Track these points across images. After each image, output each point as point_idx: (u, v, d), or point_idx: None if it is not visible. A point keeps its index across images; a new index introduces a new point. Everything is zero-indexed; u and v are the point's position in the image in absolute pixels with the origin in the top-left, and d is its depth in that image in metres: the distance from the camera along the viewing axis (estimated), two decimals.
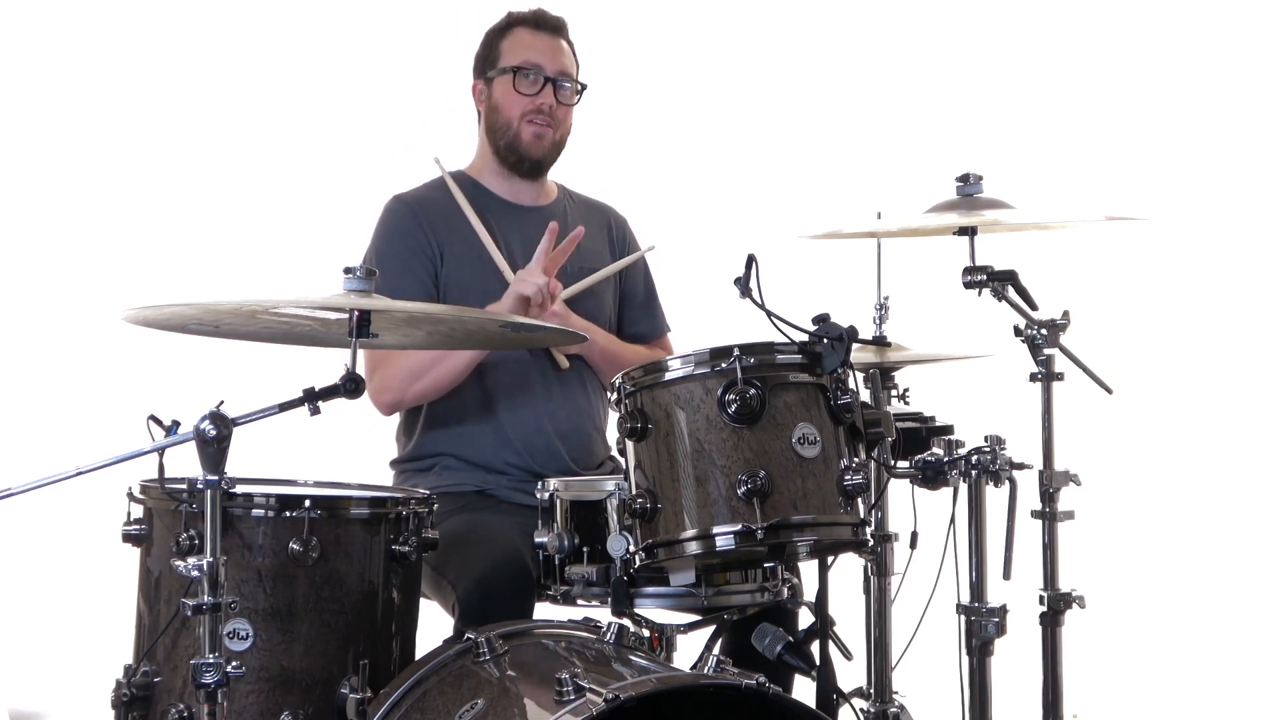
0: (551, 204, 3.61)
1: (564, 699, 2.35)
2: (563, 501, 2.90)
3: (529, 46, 3.52)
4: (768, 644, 2.77)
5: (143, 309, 2.50)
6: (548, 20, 3.56)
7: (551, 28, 3.55)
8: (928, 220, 3.21)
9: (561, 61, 3.52)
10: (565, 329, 3.10)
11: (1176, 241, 5.06)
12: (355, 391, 2.45)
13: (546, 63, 3.50)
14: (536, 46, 3.52)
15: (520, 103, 3.49)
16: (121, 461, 2.42)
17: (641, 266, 3.70)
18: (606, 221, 3.68)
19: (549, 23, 3.56)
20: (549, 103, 3.49)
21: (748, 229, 4.49)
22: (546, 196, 3.62)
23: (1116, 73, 5.39)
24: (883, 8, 5.45)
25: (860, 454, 2.66)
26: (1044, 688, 3.16)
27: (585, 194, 3.72)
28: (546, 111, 3.49)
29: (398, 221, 3.50)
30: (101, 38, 5.16)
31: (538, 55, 3.51)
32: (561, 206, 3.62)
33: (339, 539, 2.71)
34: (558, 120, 3.52)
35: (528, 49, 3.52)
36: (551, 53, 3.52)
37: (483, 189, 3.56)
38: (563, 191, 3.67)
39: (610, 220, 3.70)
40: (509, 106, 3.51)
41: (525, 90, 3.49)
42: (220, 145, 5.18)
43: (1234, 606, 5.09)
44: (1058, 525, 3.14)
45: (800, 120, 5.38)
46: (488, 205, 3.53)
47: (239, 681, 2.50)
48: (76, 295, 4.99)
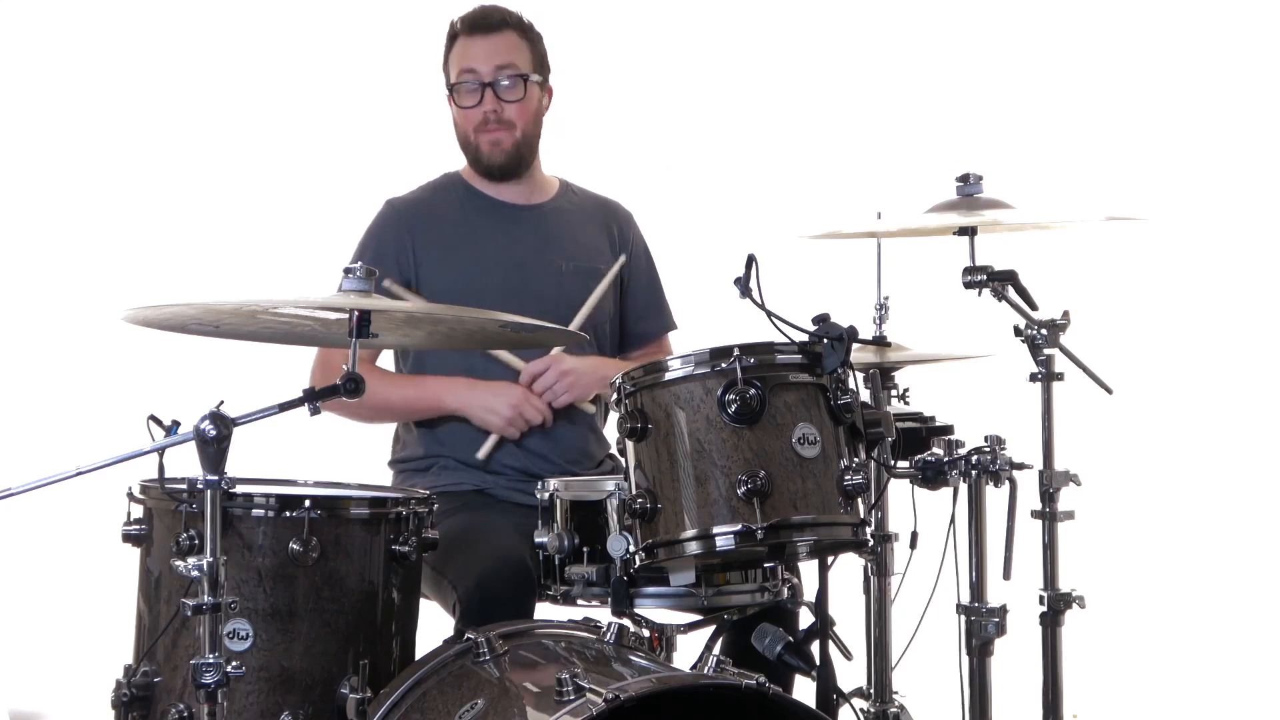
0: (545, 202, 3.59)
1: (564, 699, 2.34)
2: (563, 501, 2.90)
3: (464, 55, 3.45)
4: (768, 644, 2.76)
5: (143, 309, 2.50)
6: (480, 19, 3.47)
7: (484, 26, 3.46)
8: (928, 220, 3.21)
9: (498, 59, 3.43)
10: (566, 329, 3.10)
11: (1176, 241, 5.06)
12: (355, 391, 2.45)
13: (481, 66, 3.43)
14: (470, 53, 3.45)
15: (468, 116, 3.46)
16: (121, 461, 2.42)
17: (645, 261, 3.67)
18: (607, 219, 3.65)
19: (484, 22, 3.46)
20: (491, 108, 3.43)
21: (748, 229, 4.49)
22: (542, 194, 3.59)
23: (1116, 73, 5.38)
24: (883, 8, 5.45)
25: (860, 454, 2.66)
26: (1044, 688, 3.16)
27: (591, 189, 3.70)
28: (494, 119, 3.44)
29: (378, 225, 3.52)
30: (101, 38, 5.16)
31: (471, 61, 3.44)
32: (557, 203, 3.60)
33: (339, 539, 2.71)
34: (509, 120, 3.45)
35: (463, 58, 3.45)
36: (487, 54, 3.43)
37: (471, 190, 3.55)
38: (563, 187, 3.64)
39: (612, 217, 3.66)
40: (462, 123, 3.49)
41: (466, 103, 3.45)
42: (220, 145, 5.19)
43: (1234, 606, 5.08)
44: (1058, 525, 3.14)
45: (800, 120, 5.37)
46: (476, 207, 3.52)
47: (239, 681, 2.50)
48: (76, 295, 4.99)
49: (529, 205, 3.57)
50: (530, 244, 3.50)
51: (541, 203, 3.59)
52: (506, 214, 3.54)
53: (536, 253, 3.50)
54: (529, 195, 3.57)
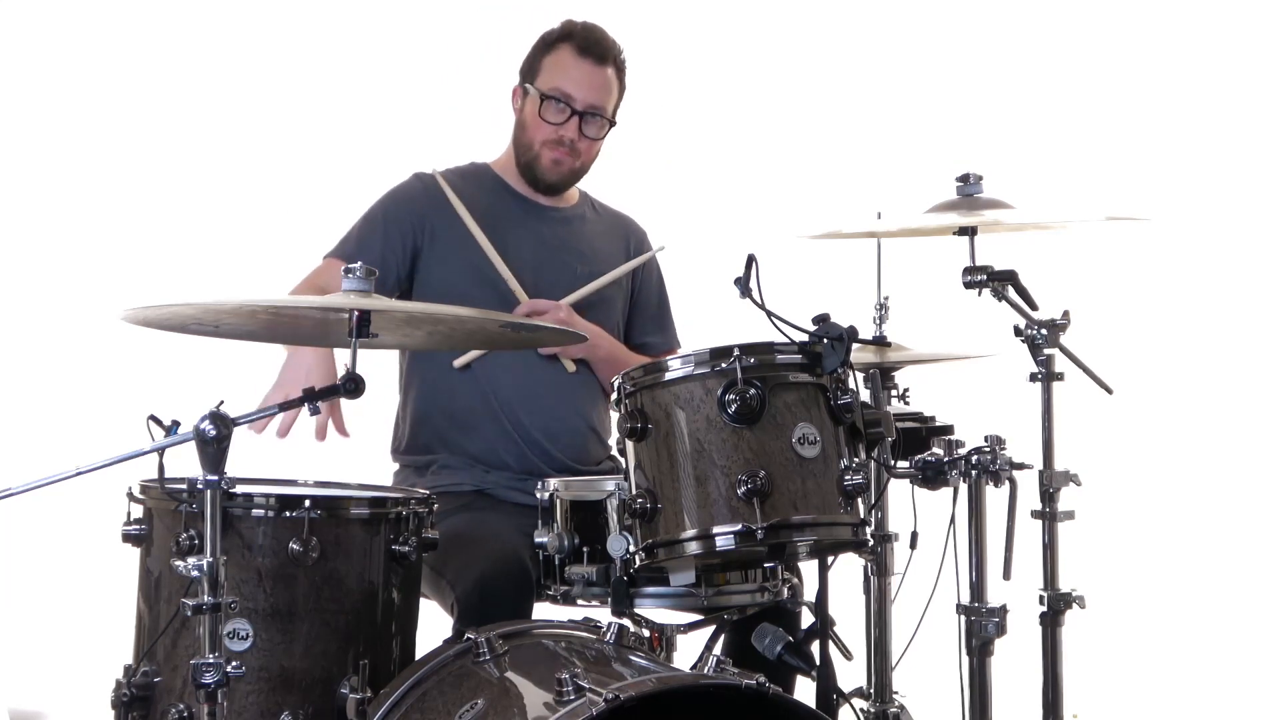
0: (569, 207, 3.62)
1: (564, 699, 2.34)
2: (563, 501, 2.90)
3: (566, 73, 3.44)
4: (768, 644, 2.77)
5: (143, 309, 2.50)
6: (595, 46, 3.45)
7: (597, 55, 3.45)
8: (928, 220, 3.21)
9: (596, 95, 3.44)
10: (566, 329, 3.11)
11: (1176, 241, 5.06)
12: (355, 391, 2.45)
13: (579, 94, 3.43)
14: (574, 75, 3.44)
15: (544, 129, 3.46)
16: (121, 461, 2.42)
17: (656, 276, 3.69)
18: (624, 232, 3.69)
19: (595, 49, 3.45)
20: (571, 136, 3.44)
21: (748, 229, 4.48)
22: (567, 200, 3.63)
23: (1116, 73, 5.38)
24: (883, 8, 5.45)
25: (860, 454, 2.66)
26: (1044, 688, 3.16)
27: (609, 204, 3.71)
28: (568, 144, 3.45)
29: (398, 193, 3.51)
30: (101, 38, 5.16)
31: (572, 85, 3.43)
32: (579, 211, 3.63)
33: (339, 539, 2.71)
34: (579, 152, 3.47)
35: (564, 75, 3.44)
36: (589, 84, 3.43)
37: (502, 182, 3.57)
38: (584, 197, 3.67)
39: (629, 232, 3.69)
40: (533, 129, 3.48)
41: (551, 119, 3.44)
42: (220, 145, 5.18)
43: (1234, 606, 5.08)
44: (1058, 525, 3.13)
45: (800, 120, 5.37)
46: (503, 199, 3.54)
47: (239, 681, 2.49)
48: (76, 295, 4.99)
49: (553, 206, 3.59)
50: (551, 242, 3.53)
51: (564, 207, 3.62)
52: (532, 210, 3.55)
53: (555, 251, 3.52)
54: (556, 199, 3.60)
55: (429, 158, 3.65)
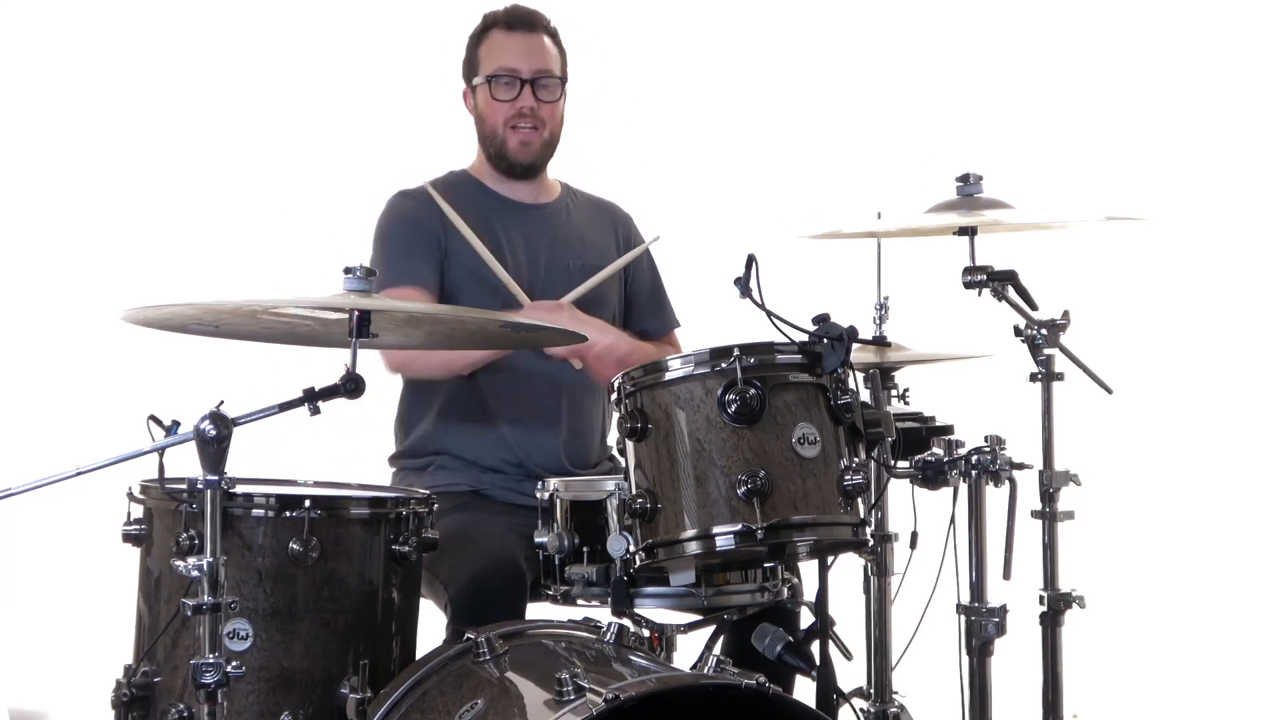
0: (553, 202, 3.62)
1: (564, 699, 2.35)
2: (563, 501, 2.90)
3: (503, 50, 3.50)
4: (768, 644, 2.77)
5: (143, 309, 2.50)
6: (521, 18, 3.52)
7: (526, 24, 3.51)
8: (928, 220, 3.21)
9: (539, 60, 3.49)
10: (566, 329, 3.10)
11: (1176, 241, 5.06)
12: (355, 391, 2.45)
13: (522, 64, 3.47)
14: (511, 48, 3.49)
15: (501, 110, 3.48)
16: (121, 461, 2.42)
17: (647, 261, 3.69)
18: (611, 219, 3.68)
19: (523, 20, 3.52)
20: (529, 105, 3.47)
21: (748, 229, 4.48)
22: (548, 194, 3.62)
23: (1116, 73, 5.38)
24: (883, 8, 5.45)
25: (860, 454, 2.66)
26: (1044, 688, 3.16)
27: (589, 191, 3.71)
28: (529, 114, 3.48)
29: (405, 210, 3.49)
30: (101, 38, 5.16)
31: (512, 58, 3.48)
32: (563, 204, 3.63)
33: (339, 539, 2.71)
34: (543, 120, 3.49)
35: (502, 53, 3.49)
36: (527, 52, 3.49)
37: (483, 187, 3.57)
38: (565, 189, 3.66)
39: (614, 218, 3.69)
40: (492, 115, 3.50)
41: (503, 97, 3.47)
42: (220, 145, 5.18)
43: (1234, 606, 5.08)
44: (1058, 525, 3.13)
45: (800, 120, 5.37)
46: (489, 204, 3.53)
47: (239, 681, 2.49)
48: (76, 295, 4.99)
49: (537, 204, 3.59)
50: (541, 242, 3.53)
51: (548, 202, 3.61)
52: (518, 212, 3.55)
53: (547, 250, 3.52)
54: (537, 195, 3.60)
55: (429, 158, 3.65)
